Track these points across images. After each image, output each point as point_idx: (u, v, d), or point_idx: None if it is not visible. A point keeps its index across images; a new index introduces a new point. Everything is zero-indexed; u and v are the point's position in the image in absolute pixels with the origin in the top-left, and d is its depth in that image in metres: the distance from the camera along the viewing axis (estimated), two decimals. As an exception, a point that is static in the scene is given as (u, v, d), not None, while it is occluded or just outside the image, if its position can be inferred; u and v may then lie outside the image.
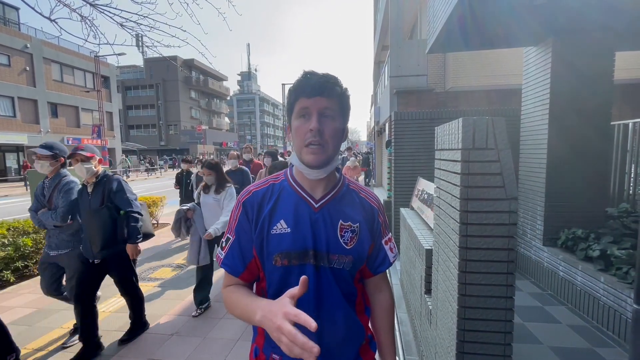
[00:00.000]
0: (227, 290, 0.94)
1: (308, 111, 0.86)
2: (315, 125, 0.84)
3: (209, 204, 3.36)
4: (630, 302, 2.26)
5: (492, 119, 1.29)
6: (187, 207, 3.38)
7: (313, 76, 0.87)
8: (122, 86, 40.97)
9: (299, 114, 0.88)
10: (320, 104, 0.85)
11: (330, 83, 0.86)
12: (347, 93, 0.92)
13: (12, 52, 20.67)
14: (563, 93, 3.27)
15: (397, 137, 4.96)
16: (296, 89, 0.87)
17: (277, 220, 0.91)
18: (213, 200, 3.35)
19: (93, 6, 3.23)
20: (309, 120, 0.86)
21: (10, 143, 20.85)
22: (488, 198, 1.33)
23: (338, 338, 0.92)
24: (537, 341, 2.43)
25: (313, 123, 0.85)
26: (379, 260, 1.03)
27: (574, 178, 3.29)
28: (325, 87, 0.85)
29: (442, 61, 9.11)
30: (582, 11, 2.88)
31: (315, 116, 0.85)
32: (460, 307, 1.42)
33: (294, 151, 0.93)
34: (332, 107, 0.87)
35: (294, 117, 0.89)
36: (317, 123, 0.85)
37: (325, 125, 0.86)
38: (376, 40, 15.48)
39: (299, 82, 0.87)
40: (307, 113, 0.87)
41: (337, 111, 0.88)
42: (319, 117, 0.86)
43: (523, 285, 3.45)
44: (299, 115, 0.88)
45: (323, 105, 0.86)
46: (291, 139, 0.93)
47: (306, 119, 0.87)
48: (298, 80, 0.88)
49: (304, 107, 0.86)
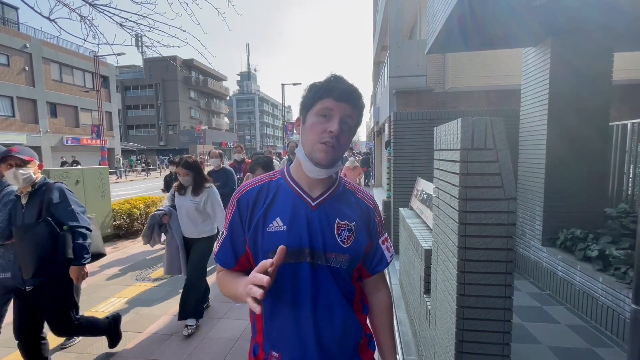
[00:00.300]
0: (220, 274, 1.01)
1: (331, 113, 0.88)
2: (336, 128, 0.87)
3: (185, 207, 3.04)
4: (628, 302, 2.27)
5: (490, 119, 1.29)
6: (162, 212, 3.05)
7: (343, 82, 0.89)
8: (122, 86, 40.92)
9: (320, 113, 0.89)
10: (344, 110, 0.88)
11: (357, 94, 0.90)
12: (364, 106, 0.95)
13: (11, 52, 20.65)
14: (562, 93, 3.28)
15: (397, 138, 4.97)
16: (324, 88, 0.89)
17: (273, 217, 0.92)
18: (190, 202, 3.02)
19: (92, 6, 3.23)
20: (329, 122, 0.88)
21: (9, 143, 20.81)
22: (487, 198, 1.33)
23: (336, 335, 0.93)
24: (536, 341, 2.44)
25: (335, 125, 0.87)
26: (376, 259, 1.04)
27: (572, 178, 3.30)
28: (352, 96, 0.89)
29: (441, 61, 9.13)
30: (581, 12, 2.89)
31: (338, 120, 0.87)
32: (459, 306, 1.42)
33: (301, 145, 0.94)
34: (352, 116, 0.90)
35: (313, 113, 0.90)
36: (338, 126, 0.87)
37: (343, 131, 0.89)
38: (376, 41, 15.49)
39: (329, 82, 0.89)
40: (330, 114, 0.88)
41: (355, 121, 0.92)
42: (340, 122, 0.88)
43: (522, 285, 3.46)
44: (320, 114, 0.89)
45: (347, 112, 0.89)
46: (300, 132, 0.94)
47: (327, 119, 0.88)
48: (327, 80, 0.89)
49: (328, 108, 0.88)
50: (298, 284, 0.91)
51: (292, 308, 0.91)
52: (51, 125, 23.30)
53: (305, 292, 0.91)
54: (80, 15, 3.25)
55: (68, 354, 2.71)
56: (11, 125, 20.72)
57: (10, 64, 20.71)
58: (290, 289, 0.91)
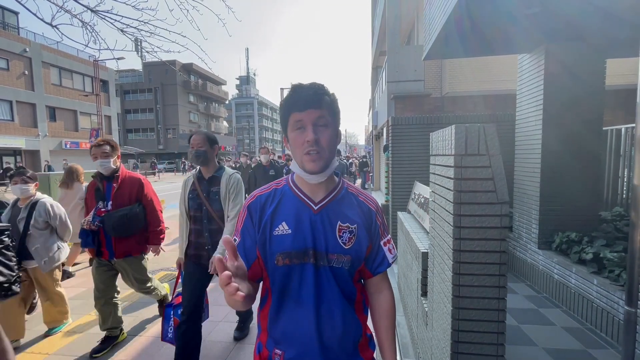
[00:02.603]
0: None
1: (302, 123, 0.92)
2: (311, 137, 0.90)
3: None
4: (622, 304, 2.30)
5: (483, 126, 1.34)
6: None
7: (302, 89, 0.92)
8: (121, 90, 41.01)
9: (294, 127, 0.93)
10: (313, 116, 0.91)
11: (319, 94, 0.92)
12: (335, 98, 0.97)
13: (10, 56, 20.73)
14: (556, 98, 3.34)
15: (395, 142, 5.01)
16: (288, 104, 0.93)
17: (279, 222, 0.96)
18: None
19: (94, 12, 3.27)
20: (304, 132, 0.91)
21: (8, 147, 20.82)
22: (480, 202, 1.37)
23: (337, 334, 0.97)
24: (531, 343, 2.47)
25: (309, 135, 0.90)
26: (377, 261, 1.07)
27: (568, 182, 3.35)
28: (315, 98, 0.91)
29: (439, 66, 9.22)
30: (574, 19, 2.95)
31: (310, 127, 0.91)
32: (455, 308, 1.46)
33: (294, 160, 0.99)
34: (324, 116, 0.92)
35: (289, 130, 0.95)
36: (312, 134, 0.90)
37: (320, 133, 0.92)
38: (374, 46, 15.62)
39: (290, 97, 0.93)
40: (302, 125, 0.92)
41: (329, 118, 0.94)
42: (313, 128, 0.91)
43: (519, 288, 3.49)
44: (295, 128, 0.93)
45: (316, 116, 0.91)
46: (289, 148, 0.99)
47: (302, 130, 0.92)
48: (288, 95, 0.94)
49: (298, 120, 0.92)
50: (302, 284, 0.95)
51: (296, 307, 0.95)
52: (50, 129, 23.33)
53: (308, 292, 0.95)
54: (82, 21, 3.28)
55: (66, 356, 2.72)
56: (10, 129, 20.73)
57: (10, 68, 20.79)
58: (295, 289, 0.95)
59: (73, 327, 3.22)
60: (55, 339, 3.03)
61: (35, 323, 3.27)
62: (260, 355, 1.01)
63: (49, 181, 4.96)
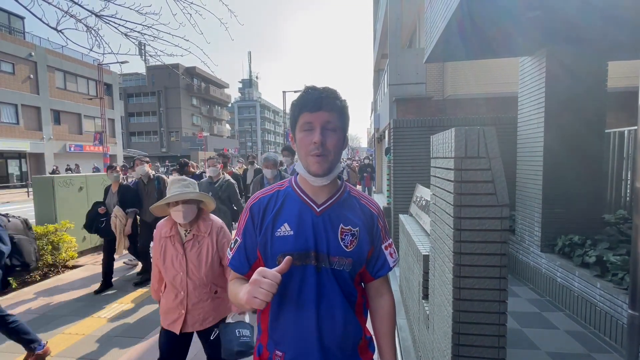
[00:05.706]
0: (230, 282, 1.06)
1: (311, 125, 0.93)
2: (318, 139, 0.91)
3: None
4: (625, 307, 2.28)
5: (483, 129, 1.34)
6: None
7: (314, 91, 0.93)
8: (124, 93, 41.29)
9: (303, 128, 0.94)
10: (322, 118, 0.92)
11: (331, 98, 0.93)
12: (346, 104, 0.98)
13: (16, 60, 20.93)
14: (558, 101, 3.33)
15: (396, 144, 5.02)
16: (299, 104, 0.94)
17: (281, 223, 0.97)
18: None
19: (99, 17, 3.31)
20: (312, 133, 0.92)
21: (13, 150, 20.99)
22: (480, 205, 1.37)
23: (337, 335, 0.97)
24: (534, 347, 2.45)
25: (316, 136, 0.91)
26: (378, 264, 1.07)
27: (570, 185, 3.33)
28: (326, 101, 0.92)
29: (440, 69, 9.23)
30: (575, 22, 2.95)
31: (319, 130, 0.92)
32: (455, 311, 1.45)
33: (299, 159, 1.00)
34: (333, 120, 0.93)
35: (298, 130, 0.96)
36: (320, 136, 0.91)
37: (328, 137, 0.92)
38: (376, 49, 15.66)
39: (302, 97, 0.94)
40: (311, 127, 0.93)
41: (338, 123, 0.95)
42: (321, 130, 0.92)
43: (522, 291, 3.47)
44: (303, 129, 0.94)
45: (325, 119, 0.92)
46: (296, 148, 1.00)
47: (310, 132, 0.93)
48: (300, 96, 0.95)
49: (307, 122, 0.93)
50: (303, 286, 0.95)
51: (296, 308, 0.95)
52: (54, 132, 23.49)
53: (309, 293, 0.95)
54: (87, 25, 3.32)
55: (68, 358, 2.73)
56: (15, 133, 20.90)
57: (16, 72, 20.98)
58: (296, 290, 0.96)
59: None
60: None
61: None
62: (260, 356, 1.02)
63: (52, 183, 4.99)
